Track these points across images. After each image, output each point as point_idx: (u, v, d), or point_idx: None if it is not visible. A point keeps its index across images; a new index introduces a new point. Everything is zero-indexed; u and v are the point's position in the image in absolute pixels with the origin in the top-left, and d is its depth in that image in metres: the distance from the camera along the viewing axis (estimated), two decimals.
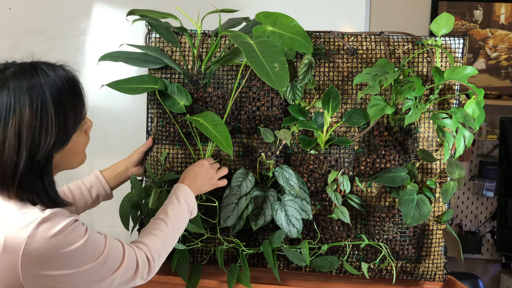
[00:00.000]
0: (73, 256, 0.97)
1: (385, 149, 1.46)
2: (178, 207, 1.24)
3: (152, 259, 1.12)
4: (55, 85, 0.99)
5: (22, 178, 0.96)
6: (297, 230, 1.41)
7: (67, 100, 1.00)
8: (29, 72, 0.99)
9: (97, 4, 2.19)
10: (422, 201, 1.39)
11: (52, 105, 0.98)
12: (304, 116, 1.44)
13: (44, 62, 1.04)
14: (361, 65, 1.48)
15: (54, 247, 0.95)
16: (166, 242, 1.18)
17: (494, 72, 3.06)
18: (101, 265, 1.00)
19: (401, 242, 1.48)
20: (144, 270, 1.10)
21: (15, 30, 2.18)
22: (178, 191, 1.28)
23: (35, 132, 0.96)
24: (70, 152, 1.06)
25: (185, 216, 1.26)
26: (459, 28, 3.02)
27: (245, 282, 1.44)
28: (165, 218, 1.21)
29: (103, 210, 1.51)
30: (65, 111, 1.00)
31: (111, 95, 1.36)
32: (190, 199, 1.28)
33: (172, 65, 1.46)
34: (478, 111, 1.35)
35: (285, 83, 1.14)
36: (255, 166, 1.47)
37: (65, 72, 1.04)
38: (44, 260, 0.94)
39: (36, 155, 0.96)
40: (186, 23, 1.45)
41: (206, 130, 1.31)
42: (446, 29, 1.42)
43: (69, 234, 0.97)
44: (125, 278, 1.06)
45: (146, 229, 1.19)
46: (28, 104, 0.95)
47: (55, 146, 0.99)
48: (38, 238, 0.94)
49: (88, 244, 0.99)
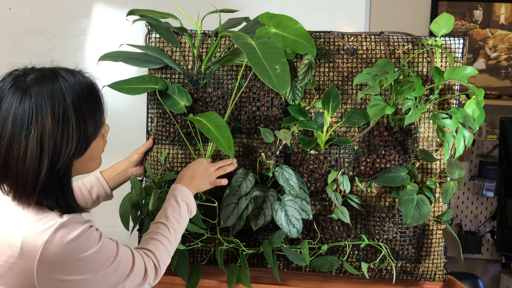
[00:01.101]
0: (88, 262, 0.97)
1: (385, 149, 1.46)
2: (177, 209, 1.24)
3: (159, 266, 1.13)
4: (76, 92, 0.99)
5: (43, 187, 0.96)
6: (297, 230, 1.41)
7: (87, 108, 1.00)
8: (50, 79, 0.98)
9: (97, 4, 2.19)
10: (422, 201, 1.39)
11: (73, 113, 0.97)
12: (304, 116, 1.44)
13: (64, 68, 1.04)
14: (361, 65, 1.48)
15: (71, 253, 0.95)
16: (169, 247, 1.19)
17: (494, 72, 3.06)
18: (113, 270, 1.01)
19: (401, 242, 1.48)
20: (151, 277, 1.11)
21: (15, 30, 2.18)
22: (176, 192, 1.27)
23: (56, 141, 0.96)
24: (88, 158, 1.06)
25: (185, 217, 1.26)
26: (459, 28, 3.02)
27: (245, 282, 1.44)
28: (166, 222, 1.21)
29: (103, 210, 1.51)
30: (86, 119, 1.00)
31: (111, 95, 1.36)
32: (188, 199, 1.28)
33: (172, 65, 1.46)
34: (478, 111, 1.35)
35: (286, 86, 1.14)
36: (255, 166, 1.47)
37: (84, 79, 1.04)
38: (60, 265, 0.95)
39: (57, 163, 0.96)
40: (186, 23, 1.45)
41: (208, 131, 1.30)
42: (446, 29, 1.42)
43: (86, 239, 0.97)
44: (134, 284, 1.07)
45: (149, 234, 1.19)
46: (50, 113, 0.95)
47: (75, 154, 0.99)
48: (56, 243, 0.94)
49: (103, 250, 1.00)
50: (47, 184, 0.96)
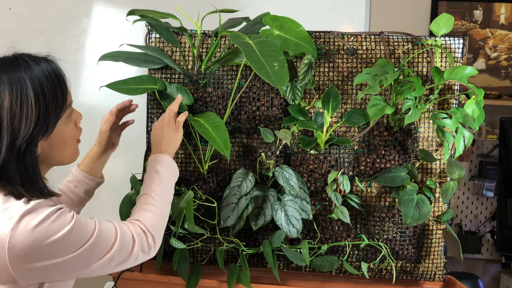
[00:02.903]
0: (58, 245, 0.96)
1: (385, 149, 1.46)
2: (158, 177, 1.22)
3: (148, 231, 1.11)
4: (36, 74, 1.01)
5: (4, 165, 0.97)
6: (297, 230, 1.41)
7: (48, 87, 1.02)
8: (10, 64, 1.01)
9: (97, 4, 2.19)
10: (422, 201, 1.39)
11: (32, 90, 0.99)
12: (304, 116, 1.44)
13: (26, 54, 1.06)
14: (361, 65, 1.48)
15: (38, 238, 0.94)
16: (159, 214, 1.16)
17: (494, 72, 3.06)
18: (90, 249, 1.00)
19: (401, 242, 1.48)
20: (143, 243, 1.09)
21: (15, 30, 2.18)
22: (153, 163, 1.25)
23: (15, 117, 0.97)
24: (58, 141, 1.06)
25: (169, 183, 1.24)
26: (459, 28, 3.02)
27: (245, 282, 1.43)
28: (149, 192, 1.19)
29: (103, 210, 1.52)
30: (46, 97, 1.01)
31: (111, 95, 1.36)
32: (168, 164, 1.26)
33: (172, 65, 1.46)
34: (478, 111, 1.35)
35: (284, 81, 1.16)
36: (255, 166, 1.47)
37: (47, 63, 1.05)
38: (30, 252, 0.94)
39: (16, 140, 0.97)
40: (186, 23, 1.45)
41: (205, 132, 1.31)
42: (446, 29, 1.42)
43: (53, 222, 0.96)
44: (124, 255, 1.05)
45: (135, 208, 1.18)
46: (8, 91, 0.97)
47: (36, 131, 1.00)
48: (21, 230, 0.93)
49: (74, 231, 0.98)
50: (8, 162, 0.97)
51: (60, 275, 1.00)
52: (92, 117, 1.37)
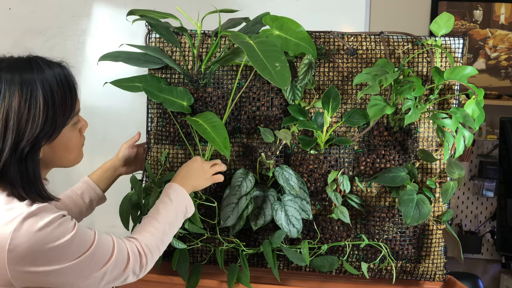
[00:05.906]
0: (58, 252, 0.96)
1: (385, 149, 1.46)
2: (169, 205, 1.23)
3: (143, 254, 1.11)
4: (47, 78, 1.01)
5: (6, 165, 0.97)
6: (297, 230, 1.41)
7: (58, 92, 1.02)
8: (23, 65, 1.01)
9: (97, 4, 2.19)
10: (422, 201, 1.39)
11: (42, 94, 0.99)
12: (304, 116, 1.44)
13: (40, 57, 1.06)
14: (361, 65, 1.48)
15: (39, 242, 0.94)
16: (158, 239, 1.17)
17: (494, 72, 3.06)
18: (88, 260, 1.00)
19: (401, 242, 1.48)
20: (135, 264, 1.09)
21: (15, 30, 2.18)
22: (169, 190, 1.26)
23: (22, 119, 0.98)
24: (62, 147, 1.06)
25: (178, 215, 1.25)
26: (459, 28, 3.02)
27: (245, 282, 1.44)
28: (156, 215, 1.20)
29: (103, 210, 1.51)
30: (55, 102, 1.01)
31: (111, 95, 1.37)
32: (182, 197, 1.27)
33: (172, 65, 1.46)
34: (478, 111, 1.35)
35: (287, 82, 1.17)
36: (255, 166, 1.47)
37: (60, 68, 1.06)
38: (30, 255, 0.94)
39: (20, 142, 0.98)
40: (186, 23, 1.45)
41: (204, 131, 1.31)
42: (446, 29, 1.42)
43: (56, 228, 0.96)
44: (116, 272, 1.05)
45: (138, 227, 1.19)
46: (18, 92, 0.98)
47: (41, 136, 1.00)
48: (24, 232, 0.93)
49: (75, 240, 0.99)
50: (10, 162, 0.97)
51: (55, 282, 0.99)
52: (91, 117, 1.37)
